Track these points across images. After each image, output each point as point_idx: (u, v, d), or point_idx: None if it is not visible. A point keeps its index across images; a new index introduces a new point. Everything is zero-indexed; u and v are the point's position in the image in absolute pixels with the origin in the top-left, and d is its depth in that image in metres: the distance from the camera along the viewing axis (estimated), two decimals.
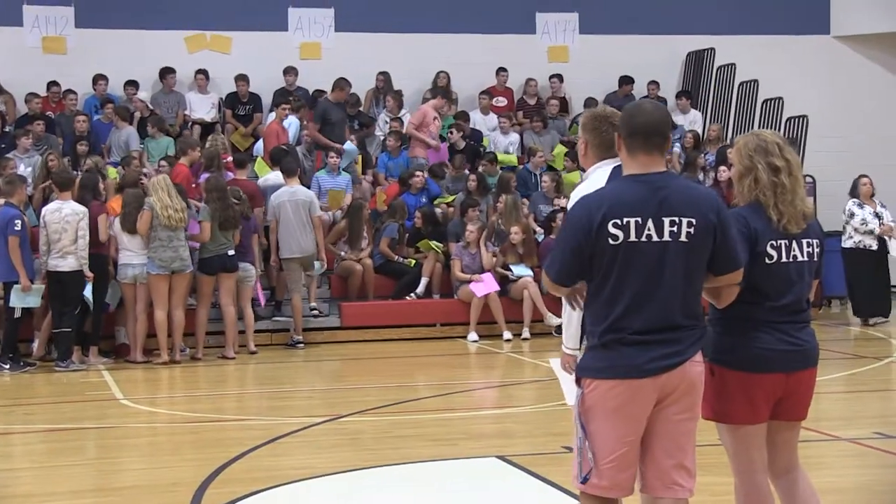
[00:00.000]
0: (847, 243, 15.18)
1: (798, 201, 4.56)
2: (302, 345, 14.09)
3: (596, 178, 4.84)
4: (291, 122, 16.52)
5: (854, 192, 15.34)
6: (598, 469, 4.21)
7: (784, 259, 4.56)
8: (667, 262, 4.19)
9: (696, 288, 4.30)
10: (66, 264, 12.33)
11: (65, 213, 12.36)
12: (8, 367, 12.40)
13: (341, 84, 16.46)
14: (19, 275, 12.23)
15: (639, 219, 4.17)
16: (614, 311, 4.18)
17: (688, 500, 4.35)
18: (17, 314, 12.50)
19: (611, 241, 4.17)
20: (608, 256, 4.18)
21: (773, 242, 4.54)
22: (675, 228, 4.19)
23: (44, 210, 12.66)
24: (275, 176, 14.75)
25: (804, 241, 4.60)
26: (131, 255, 12.82)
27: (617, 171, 4.74)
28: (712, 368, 4.54)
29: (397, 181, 16.28)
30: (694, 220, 4.20)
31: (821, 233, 4.71)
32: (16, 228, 12.22)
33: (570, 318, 4.85)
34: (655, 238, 4.18)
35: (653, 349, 4.17)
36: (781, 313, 4.55)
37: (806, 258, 4.61)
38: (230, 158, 14.86)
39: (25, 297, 12.37)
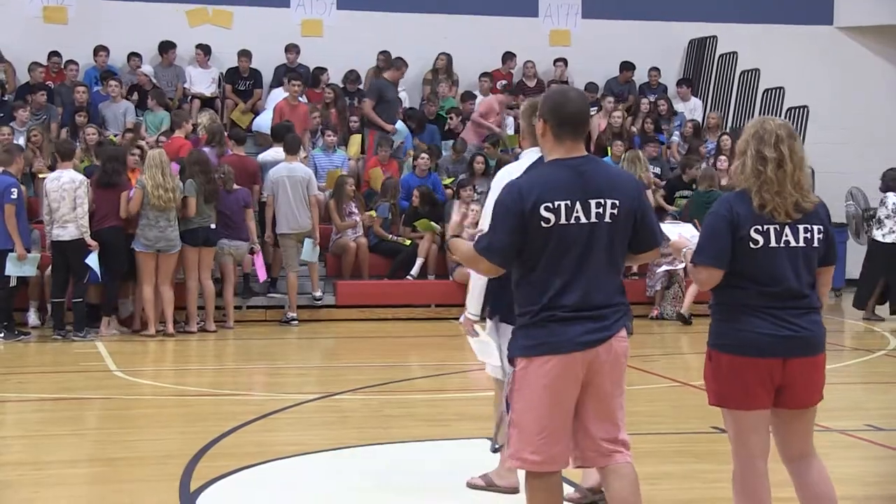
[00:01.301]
0: (889, 238, 14.71)
1: (787, 193, 4.52)
2: (296, 322, 14.10)
3: (527, 159, 5.65)
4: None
5: (890, 186, 14.88)
6: (534, 444, 4.34)
7: (773, 244, 4.54)
8: (594, 243, 4.36)
9: (620, 266, 4.50)
10: (67, 233, 12.35)
11: (63, 182, 12.36)
12: (2, 335, 12.40)
13: (398, 63, 16.61)
14: (15, 243, 12.24)
15: (568, 202, 4.35)
16: (547, 292, 4.34)
17: (631, 462, 4.47)
18: (13, 283, 12.51)
19: (543, 225, 4.33)
20: (540, 239, 4.33)
21: (759, 227, 4.53)
22: (600, 210, 4.37)
23: (45, 180, 12.66)
24: (274, 152, 14.73)
25: (801, 227, 4.57)
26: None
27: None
28: (710, 353, 4.63)
29: (384, 160, 16.10)
30: (618, 202, 4.39)
31: (825, 219, 4.67)
32: (12, 196, 12.21)
33: (475, 286, 5.78)
34: (583, 220, 4.35)
35: (581, 325, 4.33)
36: (775, 299, 4.54)
37: (803, 244, 4.57)
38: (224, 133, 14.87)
39: (21, 266, 12.37)
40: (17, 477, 6.75)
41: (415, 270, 15.03)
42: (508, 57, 18.65)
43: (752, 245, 4.53)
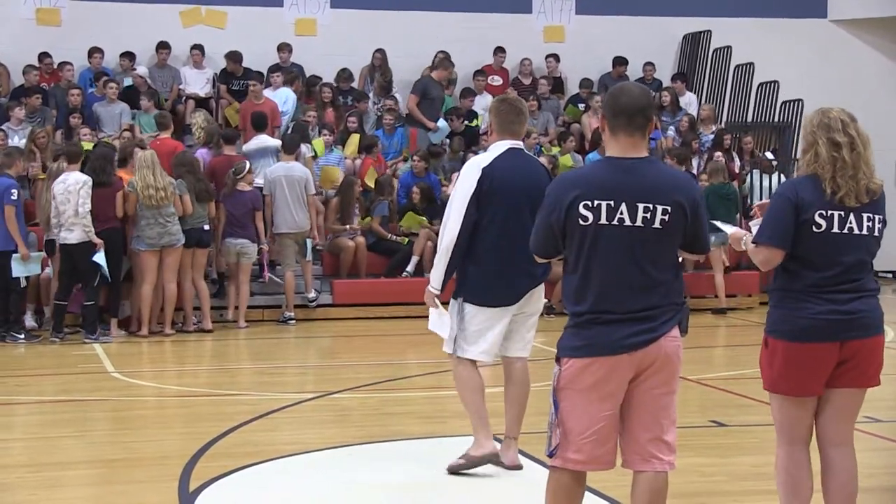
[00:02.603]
0: None
1: (861, 176, 4.61)
2: (293, 321, 14.10)
3: (492, 151, 6.32)
4: (287, 97, 16.47)
5: None
6: (577, 444, 4.30)
7: (836, 230, 4.60)
8: (638, 247, 4.27)
9: (669, 269, 4.37)
10: (74, 236, 12.35)
11: (68, 184, 12.37)
12: (23, 336, 12.47)
13: (445, 63, 16.90)
14: (17, 244, 12.24)
15: (611, 202, 4.26)
16: (588, 291, 4.30)
17: (667, 472, 4.40)
18: (23, 283, 12.50)
19: (580, 222, 4.27)
20: (578, 237, 4.29)
21: (823, 212, 4.59)
22: (648, 215, 4.26)
23: (53, 182, 12.62)
24: (257, 140, 14.74)
25: (864, 216, 4.64)
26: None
27: (513, 151, 6.19)
28: (766, 340, 4.72)
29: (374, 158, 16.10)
30: (669, 208, 4.28)
31: (884, 208, 4.74)
32: (12, 198, 12.24)
33: (439, 261, 6.27)
34: (628, 222, 4.26)
35: (628, 327, 4.26)
36: (831, 283, 4.61)
37: (865, 232, 4.64)
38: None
39: (27, 266, 12.38)
40: (16, 479, 6.75)
41: (410, 268, 15.02)
42: (499, 51, 18.64)
43: (815, 229, 4.60)
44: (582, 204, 4.25)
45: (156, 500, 6.21)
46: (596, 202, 4.25)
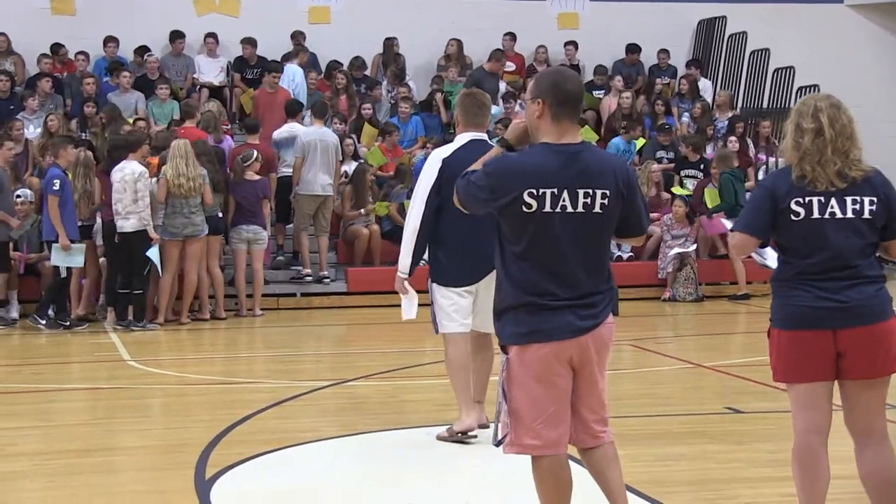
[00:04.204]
0: None
1: (827, 161, 4.53)
2: (310, 277, 14.33)
3: (455, 143, 6.83)
4: (294, 72, 16.51)
5: None
6: (532, 430, 4.38)
7: (816, 215, 4.55)
8: (580, 233, 4.34)
9: (608, 254, 4.55)
10: (129, 225, 12.38)
11: (125, 173, 12.39)
12: (68, 323, 12.51)
13: (497, 55, 17.33)
14: (59, 234, 12.27)
15: (555, 190, 4.31)
16: (534, 278, 4.36)
17: (613, 442, 4.59)
18: (63, 273, 12.53)
19: (525, 210, 4.31)
20: (522, 224, 4.34)
21: (800, 199, 4.55)
22: (588, 200, 4.33)
23: (113, 171, 12.61)
24: (289, 127, 14.83)
25: (848, 199, 4.55)
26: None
27: (474, 142, 6.58)
28: (769, 330, 4.75)
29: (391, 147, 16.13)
30: (608, 192, 4.35)
31: (882, 190, 4.61)
32: (54, 188, 12.27)
33: (404, 247, 6.89)
34: (570, 209, 4.32)
35: (573, 312, 4.36)
36: (819, 270, 4.56)
37: (851, 215, 4.55)
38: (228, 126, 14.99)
39: (68, 257, 12.41)
40: (34, 467, 6.78)
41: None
42: (509, 36, 18.59)
43: (793, 217, 4.56)
44: (527, 192, 4.29)
45: (172, 487, 6.23)
46: (541, 190, 4.29)
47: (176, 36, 17.40)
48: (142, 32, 17.40)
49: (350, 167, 15.46)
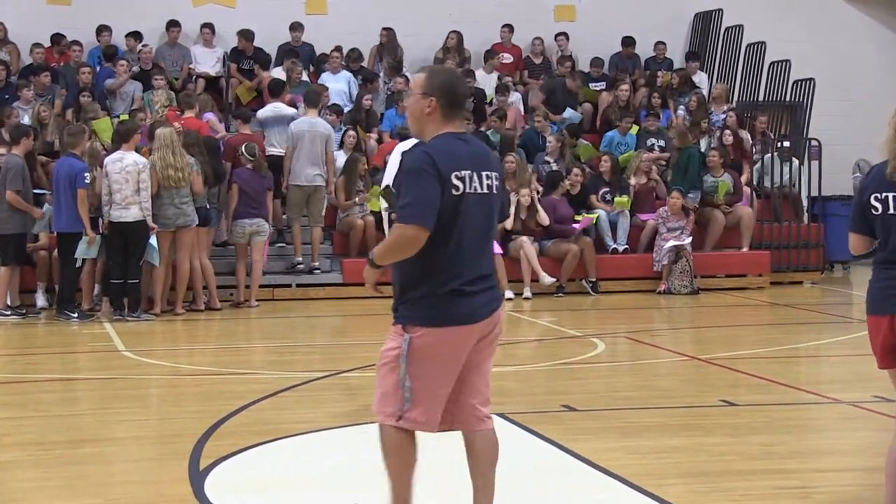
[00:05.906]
0: None
1: None
2: (301, 265, 14.33)
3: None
4: (350, 79, 16.86)
5: None
6: (425, 407, 4.51)
7: (892, 211, 4.73)
8: (486, 214, 4.49)
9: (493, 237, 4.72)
10: (130, 214, 12.39)
11: (126, 164, 12.37)
12: (76, 315, 12.51)
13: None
14: (84, 227, 12.27)
15: (469, 171, 4.44)
16: (452, 261, 4.41)
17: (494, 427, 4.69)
18: (79, 264, 12.54)
19: (454, 192, 4.39)
20: (450, 208, 4.39)
21: (878, 195, 4.75)
22: (489, 181, 4.50)
23: (106, 161, 12.61)
24: (272, 107, 14.86)
25: None
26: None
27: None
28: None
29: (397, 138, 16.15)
30: (496, 175, 4.55)
31: None
32: (85, 181, 12.28)
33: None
34: (480, 190, 4.46)
35: (482, 296, 4.47)
36: (891, 259, 4.74)
37: None
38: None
39: (90, 249, 12.43)
40: (27, 457, 6.78)
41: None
42: (507, 28, 18.56)
43: (873, 212, 4.76)
44: (454, 174, 4.37)
45: (166, 477, 6.22)
46: (463, 172, 4.40)
47: (172, 25, 17.36)
48: (137, 22, 17.34)
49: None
